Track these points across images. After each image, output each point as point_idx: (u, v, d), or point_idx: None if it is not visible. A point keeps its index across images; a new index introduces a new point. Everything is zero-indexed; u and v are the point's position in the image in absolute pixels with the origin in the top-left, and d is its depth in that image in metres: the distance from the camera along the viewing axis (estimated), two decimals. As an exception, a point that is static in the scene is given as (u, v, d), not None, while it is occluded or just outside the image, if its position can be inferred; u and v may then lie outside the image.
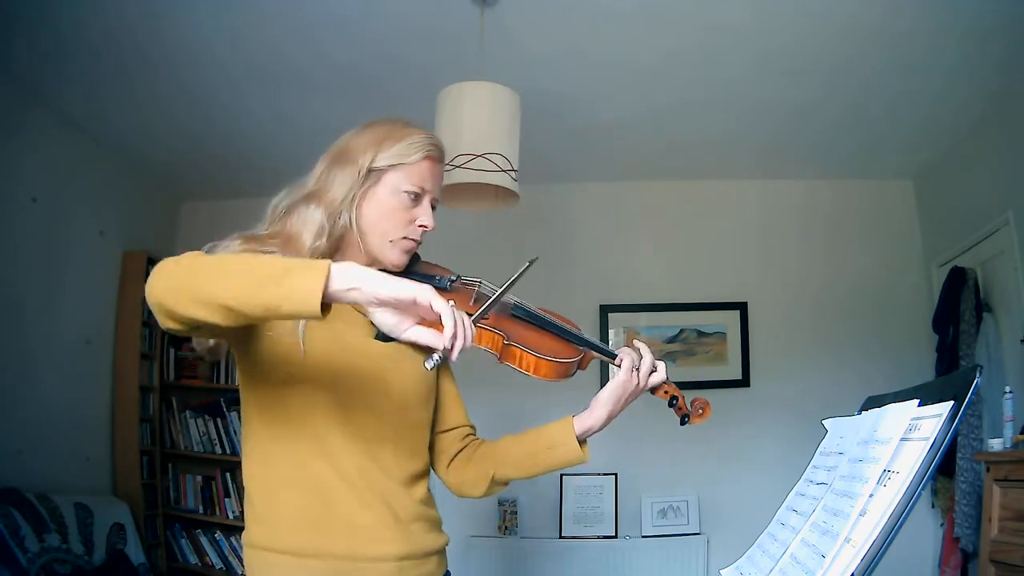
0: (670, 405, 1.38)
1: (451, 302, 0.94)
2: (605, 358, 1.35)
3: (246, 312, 0.92)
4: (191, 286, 0.93)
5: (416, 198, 1.27)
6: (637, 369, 1.31)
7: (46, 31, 2.79)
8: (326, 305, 0.90)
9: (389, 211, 1.26)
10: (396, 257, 1.28)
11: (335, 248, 1.27)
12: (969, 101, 3.33)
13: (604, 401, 1.30)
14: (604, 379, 3.88)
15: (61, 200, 3.53)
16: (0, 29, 2.77)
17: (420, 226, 1.28)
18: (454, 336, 0.93)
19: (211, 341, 1.21)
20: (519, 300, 1.33)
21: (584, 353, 1.32)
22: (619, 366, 1.31)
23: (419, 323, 0.97)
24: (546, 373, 1.26)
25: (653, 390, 1.36)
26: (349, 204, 1.25)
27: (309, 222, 1.22)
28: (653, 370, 1.33)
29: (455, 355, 0.95)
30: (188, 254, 0.99)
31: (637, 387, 1.32)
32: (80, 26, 2.76)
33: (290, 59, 3.02)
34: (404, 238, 1.28)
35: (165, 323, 0.98)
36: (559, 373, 1.28)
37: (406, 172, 1.26)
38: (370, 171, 1.25)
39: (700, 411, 1.40)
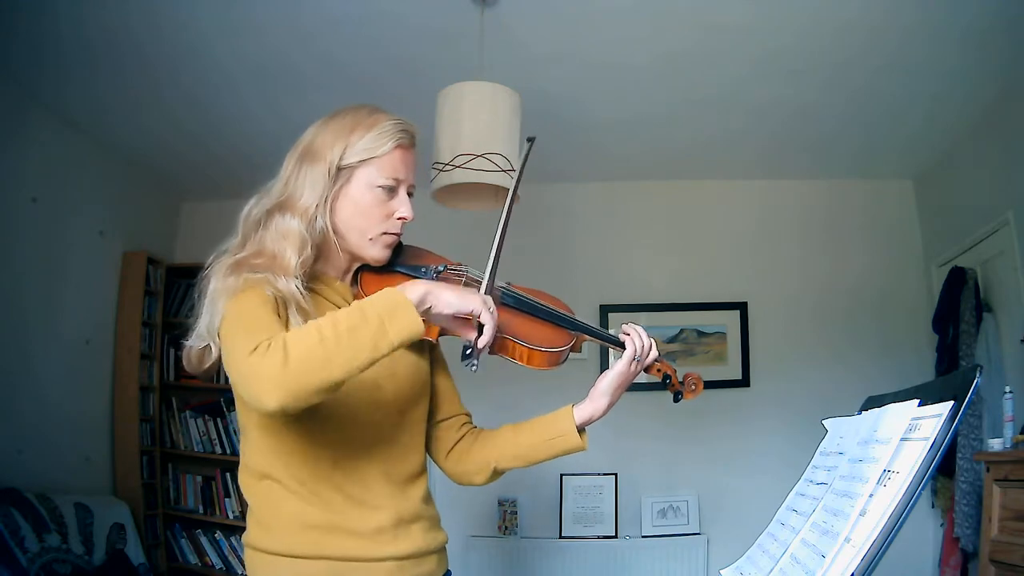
0: (663, 383, 1.37)
1: (493, 311, 1.11)
2: (604, 343, 1.35)
3: (362, 371, 1.02)
4: (312, 382, 0.98)
5: (391, 190, 1.23)
6: (638, 359, 1.31)
7: (46, 31, 2.79)
8: None
9: (365, 208, 1.22)
10: (377, 253, 1.25)
11: (315, 253, 1.22)
12: (969, 101, 3.33)
13: (604, 391, 1.30)
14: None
15: (61, 200, 3.52)
16: (0, 29, 2.76)
17: (399, 218, 1.25)
18: (488, 341, 1.11)
19: (207, 364, 1.19)
20: (508, 287, 1.30)
21: (576, 338, 1.31)
22: (620, 355, 1.31)
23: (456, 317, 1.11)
24: (539, 363, 1.26)
25: (646, 368, 1.35)
26: (323, 207, 1.20)
27: (289, 236, 1.17)
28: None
29: (483, 353, 1.13)
30: (273, 349, 0.98)
31: (637, 372, 1.32)
32: (80, 26, 2.76)
33: (290, 59, 3.01)
34: (384, 233, 1.24)
35: (283, 418, 1.05)
36: (551, 362, 1.27)
37: (378, 165, 1.21)
38: (340, 169, 1.20)
39: (693, 387, 1.40)
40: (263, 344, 0.99)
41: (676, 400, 1.39)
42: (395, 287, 1.05)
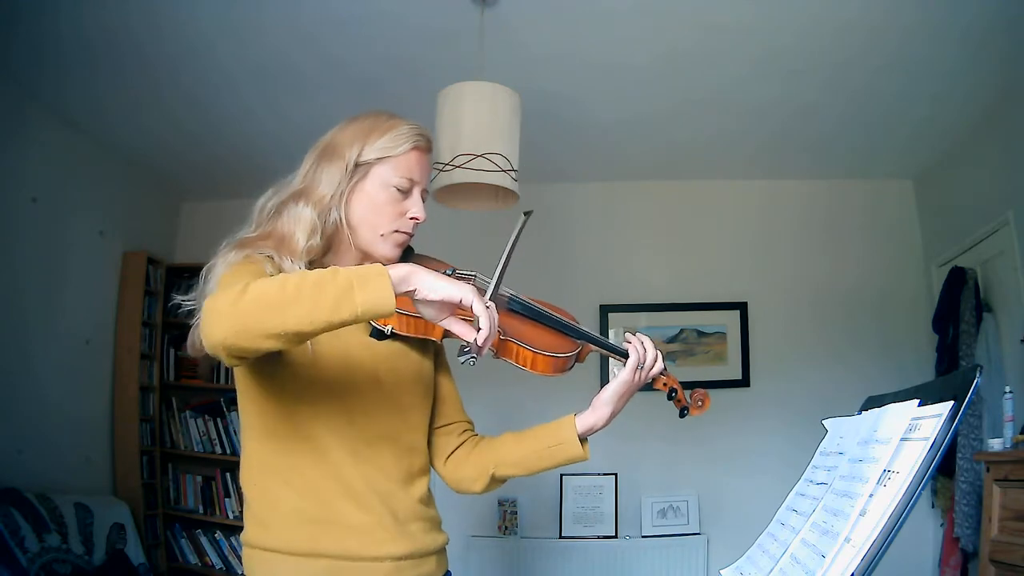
0: (669, 398, 1.36)
1: (489, 304, 1.03)
2: (609, 353, 1.33)
3: (319, 331, 0.97)
4: (260, 323, 0.95)
5: (405, 191, 1.26)
6: (643, 367, 1.30)
7: (46, 31, 2.79)
8: None
9: (379, 205, 1.25)
10: (388, 251, 1.27)
11: (327, 246, 1.26)
12: (969, 101, 3.33)
13: (607, 400, 1.29)
14: (603, 373, 3.91)
15: (61, 200, 3.52)
16: (0, 29, 2.77)
17: (411, 218, 1.27)
18: (488, 336, 1.01)
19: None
20: (515, 293, 1.31)
21: (582, 346, 1.31)
22: (624, 363, 1.30)
23: (453, 314, 1.05)
24: (543, 368, 1.25)
25: (652, 382, 1.34)
26: (338, 200, 1.23)
27: (301, 221, 1.21)
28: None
29: (484, 351, 1.03)
30: (233, 290, 0.97)
31: (641, 382, 1.31)
32: (80, 26, 2.76)
33: (290, 59, 3.02)
34: (396, 231, 1.26)
35: (230, 361, 1.01)
36: (556, 368, 1.26)
37: (394, 164, 1.25)
38: (357, 165, 1.24)
39: (699, 403, 1.37)
40: (230, 287, 1.00)
41: (682, 415, 1.37)
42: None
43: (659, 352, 1.33)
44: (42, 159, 3.39)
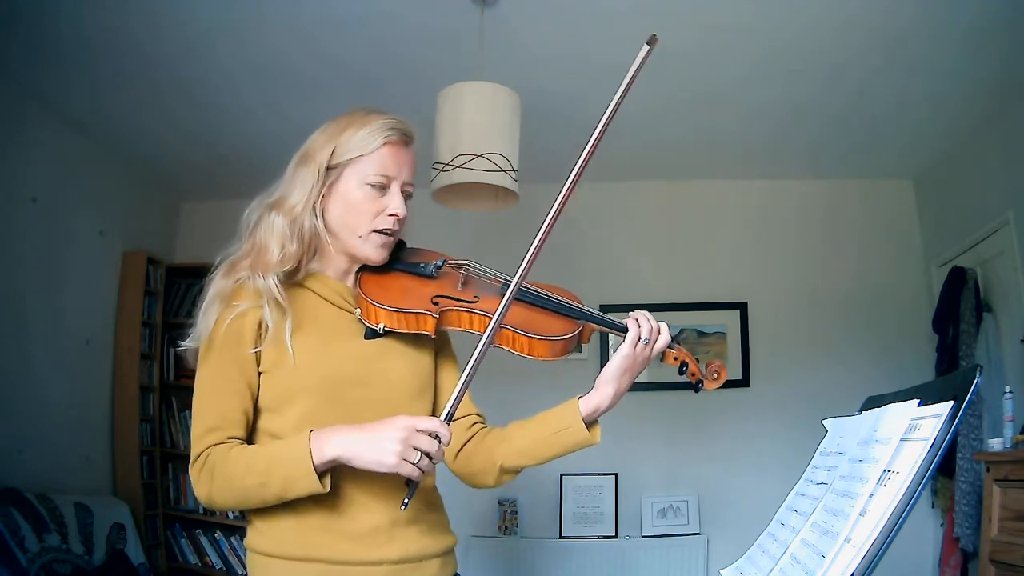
0: (680, 372, 1.28)
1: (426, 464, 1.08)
2: (609, 330, 1.27)
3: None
4: (233, 507, 1.22)
5: (382, 188, 1.23)
6: (644, 341, 1.23)
7: (46, 31, 2.79)
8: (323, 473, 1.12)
9: (354, 205, 1.23)
10: (371, 252, 1.25)
11: (311, 253, 1.25)
12: (969, 101, 3.33)
13: (609, 378, 1.22)
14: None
15: (61, 200, 3.52)
16: (0, 29, 2.77)
17: (390, 215, 1.24)
18: (409, 497, 1.11)
19: None
20: (507, 278, 1.26)
21: (583, 326, 1.25)
22: (623, 338, 1.23)
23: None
24: (542, 353, 1.20)
25: (661, 357, 1.27)
26: (312, 206, 1.22)
27: (273, 231, 1.22)
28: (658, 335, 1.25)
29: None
30: (204, 475, 1.15)
31: (644, 358, 1.24)
32: (80, 26, 2.76)
33: (290, 59, 3.02)
34: (374, 231, 1.24)
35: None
36: (556, 351, 1.21)
37: (367, 162, 1.22)
38: (329, 168, 1.22)
39: (715, 375, 1.28)
40: (201, 458, 1.15)
41: (696, 390, 1.28)
42: (315, 441, 1.10)
43: (663, 325, 1.26)
44: (42, 159, 3.39)
